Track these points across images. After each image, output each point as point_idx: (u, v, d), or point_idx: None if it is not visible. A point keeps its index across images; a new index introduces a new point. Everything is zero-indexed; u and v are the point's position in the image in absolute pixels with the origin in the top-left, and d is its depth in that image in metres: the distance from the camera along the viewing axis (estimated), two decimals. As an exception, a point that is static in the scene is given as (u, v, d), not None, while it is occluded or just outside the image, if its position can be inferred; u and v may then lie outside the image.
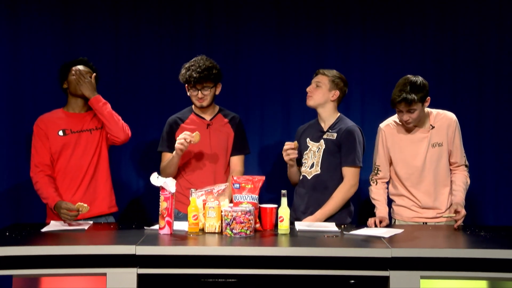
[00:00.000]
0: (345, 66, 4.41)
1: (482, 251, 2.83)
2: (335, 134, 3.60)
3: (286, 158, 3.57)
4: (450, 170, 3.58)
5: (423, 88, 3.41)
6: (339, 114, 3.70)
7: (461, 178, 3.55)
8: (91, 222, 3.44)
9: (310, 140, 3.68)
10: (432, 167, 3.53)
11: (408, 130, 3.57)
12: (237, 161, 3.76)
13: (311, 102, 3.64)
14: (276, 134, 4.47)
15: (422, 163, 3.53)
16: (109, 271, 2.80)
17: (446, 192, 3.55)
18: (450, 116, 3.57)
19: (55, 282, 2.87)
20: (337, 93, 3.63)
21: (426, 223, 3.56)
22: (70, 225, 3.33)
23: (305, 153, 3.68)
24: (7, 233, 3.16)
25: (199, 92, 3.62)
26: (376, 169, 3.65)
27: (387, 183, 3.69)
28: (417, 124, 3.54)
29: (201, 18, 4.44)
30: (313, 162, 3.62)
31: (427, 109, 3.57)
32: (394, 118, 3.63)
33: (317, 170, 3.60)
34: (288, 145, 3.55)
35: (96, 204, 3.58)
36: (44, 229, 3.23)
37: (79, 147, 3.57)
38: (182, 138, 3.48)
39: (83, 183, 3.56)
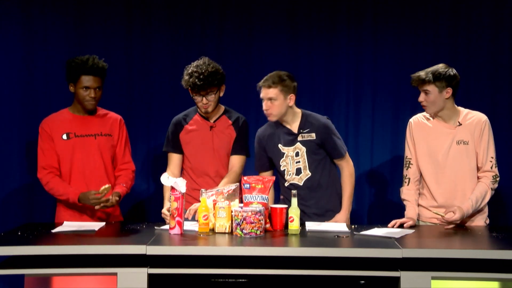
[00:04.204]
0: (356, 65, 4.40)
1: (494, 252, 2.82)
2: (314, 134, 3.54)
3: None
4: (478, 176, 3.52)
5: (444, 76, 3.42)
6: (300, 111, 3.61)
7: (480, 188, 3.45)
8: (103, 223, 3.44)
9: (283, 146, 3.59)
10: (455, 165, 3.48)
11: (435, 124, 3.53)
12: (234, 161, 3.69)
13: (273, 118, 3.52)
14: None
15: (444, 159, 3.49)
16: (119, 270, 2.82)
17: (468, 195, 3.46)
18: (480, 116, 3.51)
19: (66, 281, 2.89)
20: (293, 96, 3.52)
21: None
22: (83, 225, 3.36)
23: (281, 160, 3.59)
24: (19, 233, 3.18)
25: (204, 98, 3.57)
26: (408, 162, 3.59)
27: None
28: (439, 116, 3.51)
29: (213, 18, 4.44)
30: (299, 168, 3.57)
31: (458, 107, 3.55)
32: (424, 113, 3.60)
33: (307, 173, 3.57)
34: None
35: (101, 213, 3.54)
36: (56, 230, 3.24)
37: (83, 152, 3.55)
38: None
39: (87, 190, 3.50)
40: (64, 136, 3.55)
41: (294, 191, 3.26)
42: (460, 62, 4.34)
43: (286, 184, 3.61)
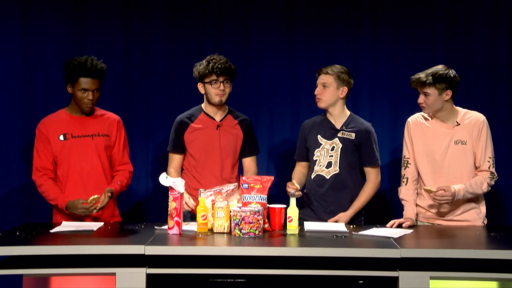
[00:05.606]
0: (355, 65, 4.40)
1: (492, 251, 2.81)
2: (353, 134, 3.60)
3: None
4: (476, 174, 3.49)
5: (444, 78, 3.42)
6: (349, 112, 3.71)
7: (477, 178, 3.44)
8: (102, 223, 3.42)
9: (322, 137, 3.66)
10: (453, 165, 3.47)
11: (433, 124, 3.53)
12: (250, 162, 3.79)
13: (322, 104, 3.64)
14: (285, 133, 4.47)
15: (442, 159, 3.48)
16: (118, 271, 2.82)
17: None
18: (478, 116, 3.51)
19: (65, 281, 2.89)
20: (345, 89, 3.62)
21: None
22: (81, 225, 3.35)
23: (316, 150, 3.66)
24: (18, 233, 3.18)
25: (221, 84, 3.61)
26: (406, 162, 3.59)
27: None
28: (437, 116, 3.51)
29: (213, 18, 4.44)
30: (330, 161, 3.61)
31: (456, 107, 3.54)
32: (423, 112, 3.59)
33: (336, 169, 3.60)
34: (291, 187, 3.41)
35: (99, 213, 3.52)
36: (54, 230, 3.23)
37: (80, 153, 3.54)
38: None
39: (84, 190, 3.51)
40: (61, 137, 3.55)
41: (292, 191, 3.26)
42: (459, 62, 4.34)
43: (313, 175, 3.66)
